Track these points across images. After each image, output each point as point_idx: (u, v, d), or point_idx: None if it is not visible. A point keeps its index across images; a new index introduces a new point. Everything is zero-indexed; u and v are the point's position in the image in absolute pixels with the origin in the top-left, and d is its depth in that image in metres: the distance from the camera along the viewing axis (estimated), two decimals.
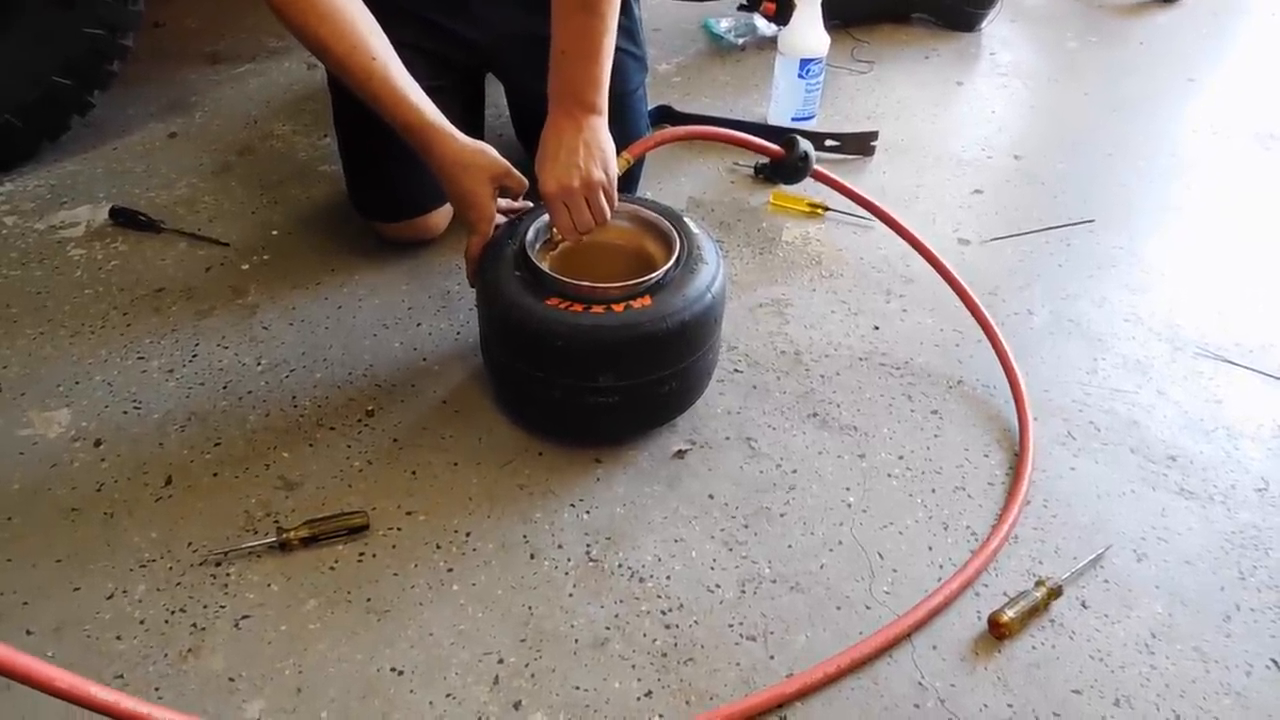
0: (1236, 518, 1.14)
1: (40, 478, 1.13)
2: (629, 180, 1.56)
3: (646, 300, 1.10)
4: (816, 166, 1.51)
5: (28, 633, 0.96)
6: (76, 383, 1.26)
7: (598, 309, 1.08)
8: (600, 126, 1.21)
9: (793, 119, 1.86)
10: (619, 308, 1.09)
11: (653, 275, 1.11)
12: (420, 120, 1.18)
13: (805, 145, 1.51)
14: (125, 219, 1.54)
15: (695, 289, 1.12)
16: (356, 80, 1.17)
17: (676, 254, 1.15)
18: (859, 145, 1.81)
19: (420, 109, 1.18)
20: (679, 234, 1.18)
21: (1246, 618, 1.03)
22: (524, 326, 1.10)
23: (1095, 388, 1.32)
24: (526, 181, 1.23)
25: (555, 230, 1.20)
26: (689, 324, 1.10)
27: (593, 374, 1.10)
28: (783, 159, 1.50)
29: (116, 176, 1.67)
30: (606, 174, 1.18)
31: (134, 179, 1.67)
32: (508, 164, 1.22)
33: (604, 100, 1.21)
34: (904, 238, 1.44)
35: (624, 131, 1.53)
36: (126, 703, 0.70)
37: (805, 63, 1.80)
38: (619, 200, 1.21)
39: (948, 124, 1.97)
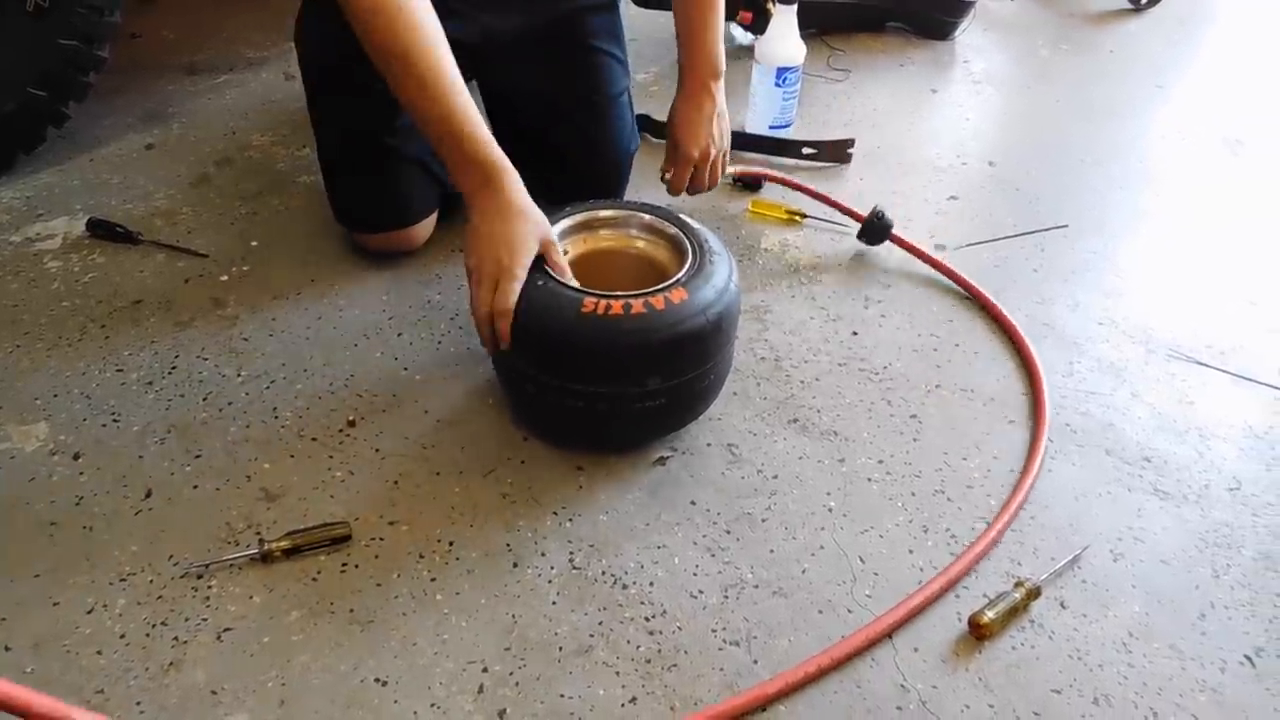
0: (1210, 517, 1.16)
1: (18, 492, 1.12)
2: (618, 185, 1.59)
3: (683, 293, 1.10)
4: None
5: (6, 649, 0.96)
6: (54, 396, 1.25)
7: (637, 307, 1.07)
8: (722, 92, 1.45)
9: (770, 127, 1.87)
10: (658, 302, 1.08)
11: (679, 274, 1.12)
12: (491, 155, 1.15)
13: (882, 210, 1.56)
14: (103, 231, 1.53)
15: (720, 278, 1.13)
16: (429, 98, 1.14)
17: (692, 248, 1.16)
18: (835, 153, 1.82)
19: (491, 143, 1.16)
20: (683, 232, 1.20)
21: (1221, 615, 1.05)
22: (564, 336, 1.07)
23: (1071, 390, 1.33)
24: (565, 266, 1.17)
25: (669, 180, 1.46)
26: (724, 314, 1.11)
27: (641, 378, 1.09)
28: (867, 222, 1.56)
29: (93, 188, 1.66)
30: (727, 142, 1.45)
31: (111, 191, 1.66)
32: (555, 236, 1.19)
33: (724, 63, 1.43)
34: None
35: (612, 134, 1.56)
36: None
37: (782, 71, 1.81)
38: (616, 208, 1.26)
39: (923, 131, 1.99)
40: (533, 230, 1.14)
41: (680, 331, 1.08)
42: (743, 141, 1.84)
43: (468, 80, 1.63)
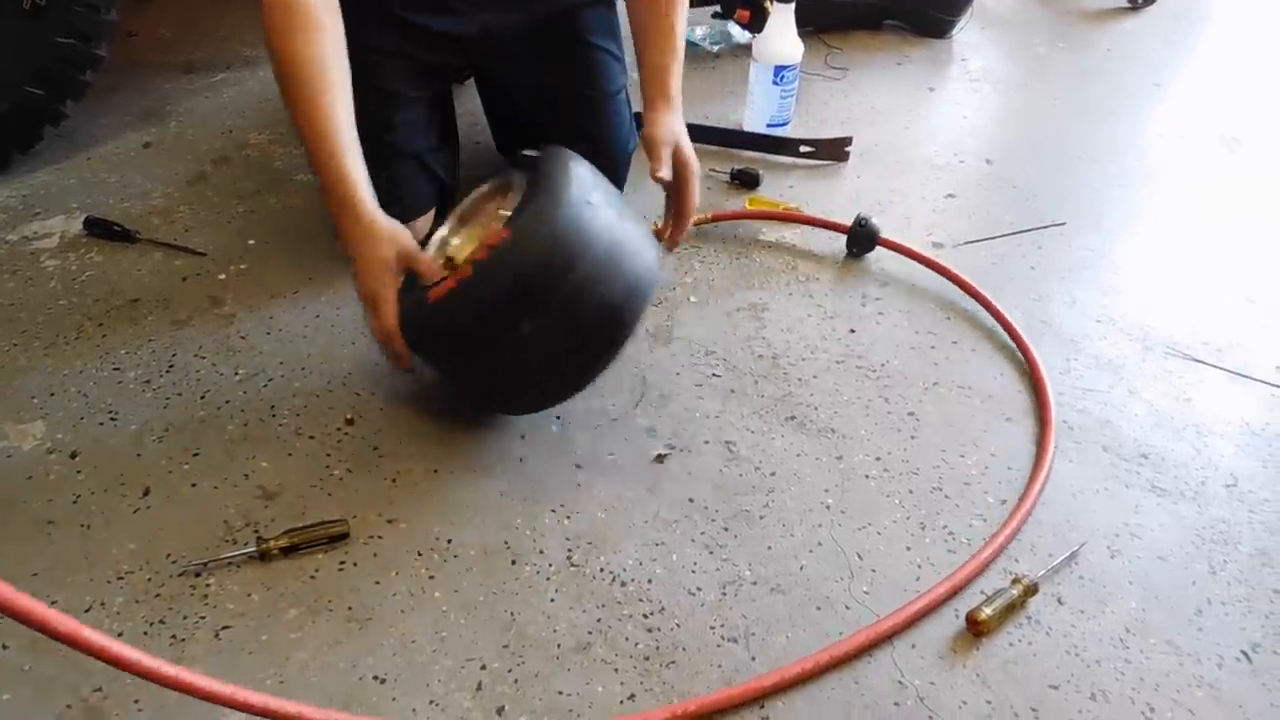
0: (1207, 513, 1.16)
1: (15, 490, 1.12)
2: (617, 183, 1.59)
3: (504, 234, 1.05)
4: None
5: (4, 646, 0.95)
6: (52, 394, 1.25)
7: (465, 271, 1.06)
8: None
9: (768, 125, 1.87)
10: (483, 254, 1.05)
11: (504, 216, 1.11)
12: (345, 181, 1.13)
13: (866, 216, 1.55)
14: (100, 229, 1.53)
15: (546, 200, 1.07)
16: (304, 115, 1.13)
17: (522, 183, 1.13)
18: (833, 151, 1.82)
19: (351, 169, 1.13)
20: (517, 167, 1.19)
21: (1218, 611, 1.05)
22: (421, 331, 1.11)
23: (1068, 387, 1.33)
24: (436, 267, 1.17)
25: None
26: (561, 234, 1.06)
27: (505, 331, 1.07)
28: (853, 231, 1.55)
29: (90, 187, 1.66)
30: None
31: (108, 189, 1.66)
32: (418, 247, 1.17)
33: None
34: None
35: (611, 131, 1.56)
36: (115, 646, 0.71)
37: (779, 69, 1.82)
38: (483, 186, 1.26)
39: (920, 129, 1.99)
40: (386, 247, 1.12)
41: (513, 271, 1.04)
42: (740, 140, 1.85)
43: (468, 77, 1.64)
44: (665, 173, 1.28)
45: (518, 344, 1.08)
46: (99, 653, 0.70)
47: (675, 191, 1.32)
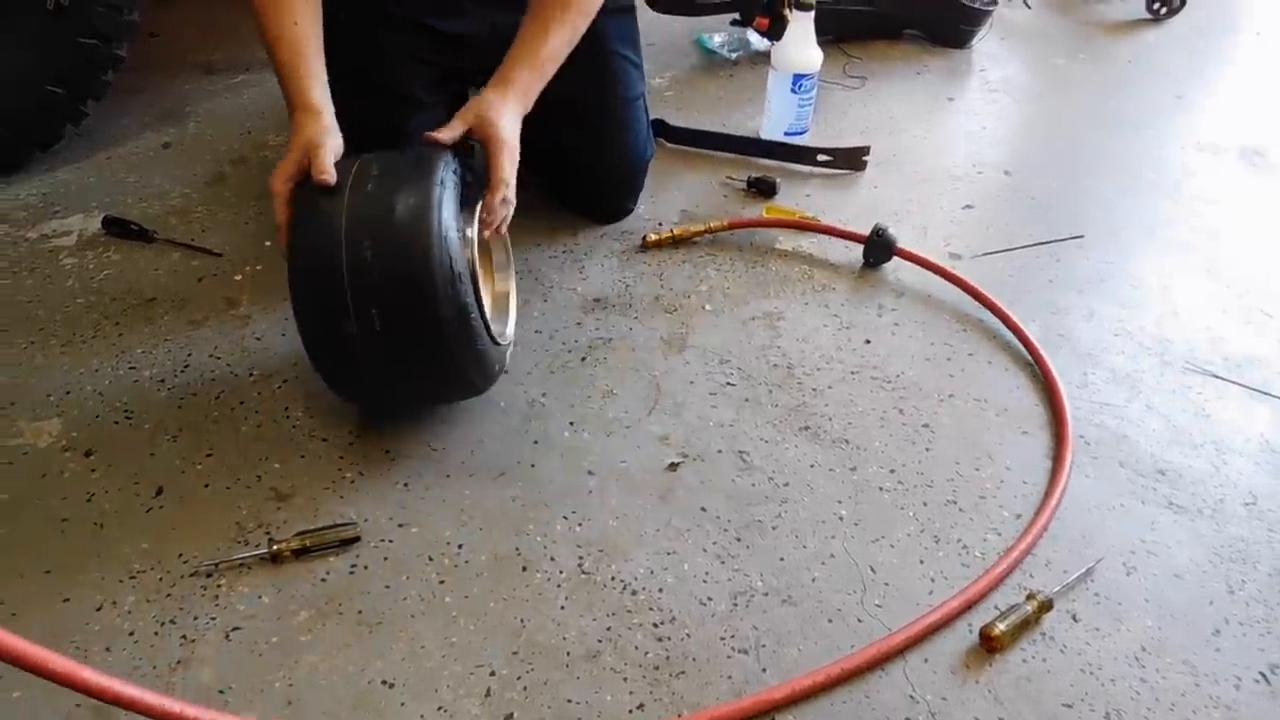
0: (1225, 531, 1.15)
1: (30, 488, 1.12)
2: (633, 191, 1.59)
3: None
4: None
5: None
6: (67, 393, 1.25)
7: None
8: None
9: (785, 133, 1.87)
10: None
11: None
12: (299, 96, 1.17)
13: (883, 226, 1.54)
14: (118, 228, 1.54)
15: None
16: (272, 27, 1.16)
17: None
18: (851, 160, 1.82)
19: (306, 89, 1.17)
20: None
21: (1235, 631, 1.04)
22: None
23: (1085, 402, 1.32)
24: (325, 174, 1.10)
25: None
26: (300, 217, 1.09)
27: (343, 312, 1.06)
28: (869, 241, 1.54)
29: (109, 186, 1.67)
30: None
31: (127, 188, 1.67)
32: (323, 146, 1.12)
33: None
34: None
35: (629, 137, 1.55)
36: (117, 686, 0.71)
37: (798, 78, 1.81)
38: None
39: (939, 139, 1.98)
40: (295, 139, 1.12)
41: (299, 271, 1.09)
42: (757, 148, 1.84)
43: (478, 84, 1.63)
44: (440, 135, 1.17)
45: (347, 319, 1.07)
46: (99, 693, 0.71)
47: (486, 164, 1.22)
